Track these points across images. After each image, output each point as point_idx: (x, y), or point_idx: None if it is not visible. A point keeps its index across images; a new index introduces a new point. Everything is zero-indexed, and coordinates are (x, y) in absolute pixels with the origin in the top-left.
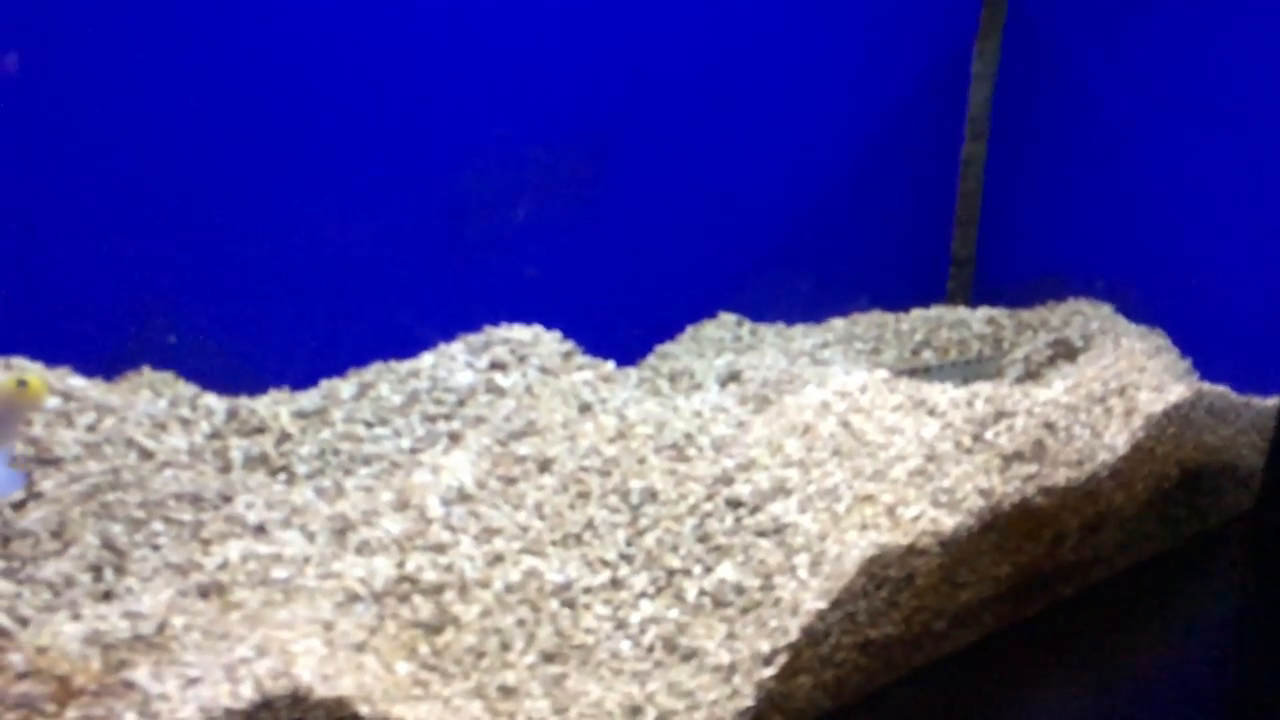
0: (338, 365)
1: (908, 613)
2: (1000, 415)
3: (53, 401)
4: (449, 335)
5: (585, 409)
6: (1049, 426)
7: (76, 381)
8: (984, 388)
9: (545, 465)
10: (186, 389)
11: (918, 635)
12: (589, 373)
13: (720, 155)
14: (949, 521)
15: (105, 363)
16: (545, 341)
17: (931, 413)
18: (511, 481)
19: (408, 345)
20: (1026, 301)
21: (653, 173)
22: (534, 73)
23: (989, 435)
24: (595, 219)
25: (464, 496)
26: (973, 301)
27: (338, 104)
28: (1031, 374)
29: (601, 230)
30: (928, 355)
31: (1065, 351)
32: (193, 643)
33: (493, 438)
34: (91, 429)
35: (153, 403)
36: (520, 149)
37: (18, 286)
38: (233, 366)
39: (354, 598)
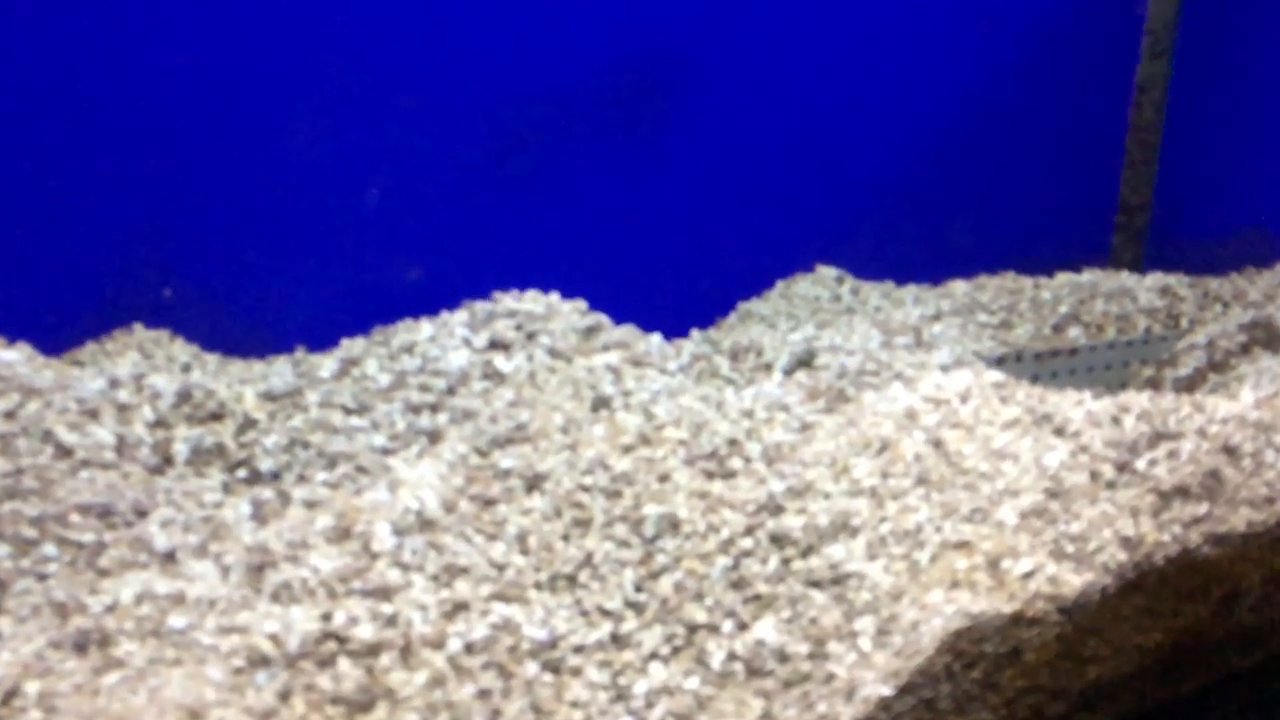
0: (360, 322)
1: (1011, 695)
2: (1159, 437)
3: None
4: (484, 294)
5: (601, 404)
6: (1229, 452)
7: (6, 355)
8: (1137, 400)
9: (534, 482)
10: (183, 350)
11: None
12: (615, 354)
13: (820, 76)
14: (1075, 580)
15: (89, 320)
16: (561, 314)
17: (1060, 432)
18: (489, 503)
19: (438, 301)
20: (1217, 266)
21: (735, 99)
22: None
23: (1141, 464)
24: (664, 155)
25: (425, 523)
26: (1144, 264)
27: (354, 25)
28: (1216, 365)
29: (672, 169)
30: (1075, 334)
31: (1266, 338)
32: None
33: (471, 444)
34: (9, 416)
35: (90, 382)
36: (572, 73)
37: None
38: (239, 323)
39: (259, 661)
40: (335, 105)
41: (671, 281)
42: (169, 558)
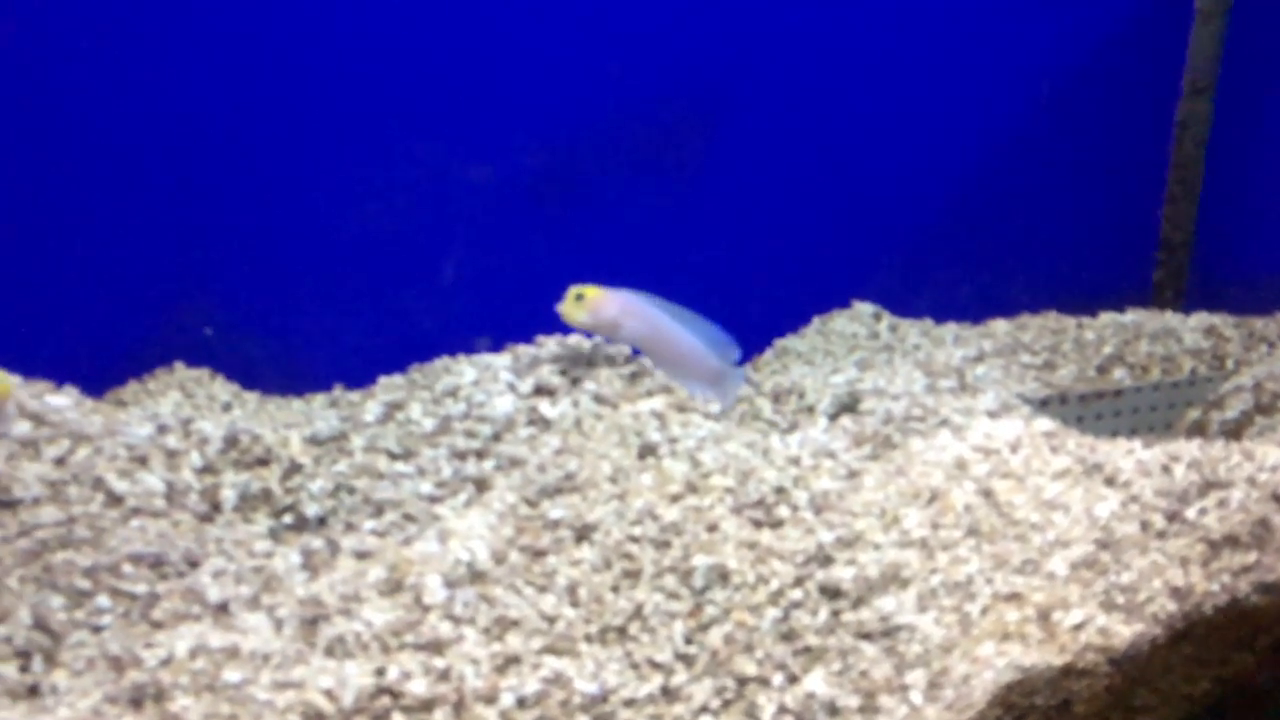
0: (395, 359)
1: None
2: (1209, 486)
3: (23, 427)
4: (520, 332)
5: (647, 452)
6: (1279, 500)
7: (56, 400)
8: (1187, 448)
9: (584, 533)
10: (223, 388)
11: None
12: (659, 400)
13: (859, 112)
14: (1125, 631)
15: (130, 359)
16: (605, 359)
17: (1110, 482)
18: (539, 555)
19: (474, 337)
20: (1258, 304)
21: (773, 134)
22: (624, 16)
23: (1191, 513)
24: (700, 191)
25: (475, 575)
26: (1186, 303)
27: (394, 66)
28: (1263, 407)
29: (708, 206)
30: (1119, 375)
31: None
32: None
33: (520, 493)
34: (60, 463)
35: (139, 428)
36: (609, 110)
37: (26, 276)
38: (277, 361)
39: (314, 717)
40: (373, 146)
41: (708, 318)
42: (222, 609)
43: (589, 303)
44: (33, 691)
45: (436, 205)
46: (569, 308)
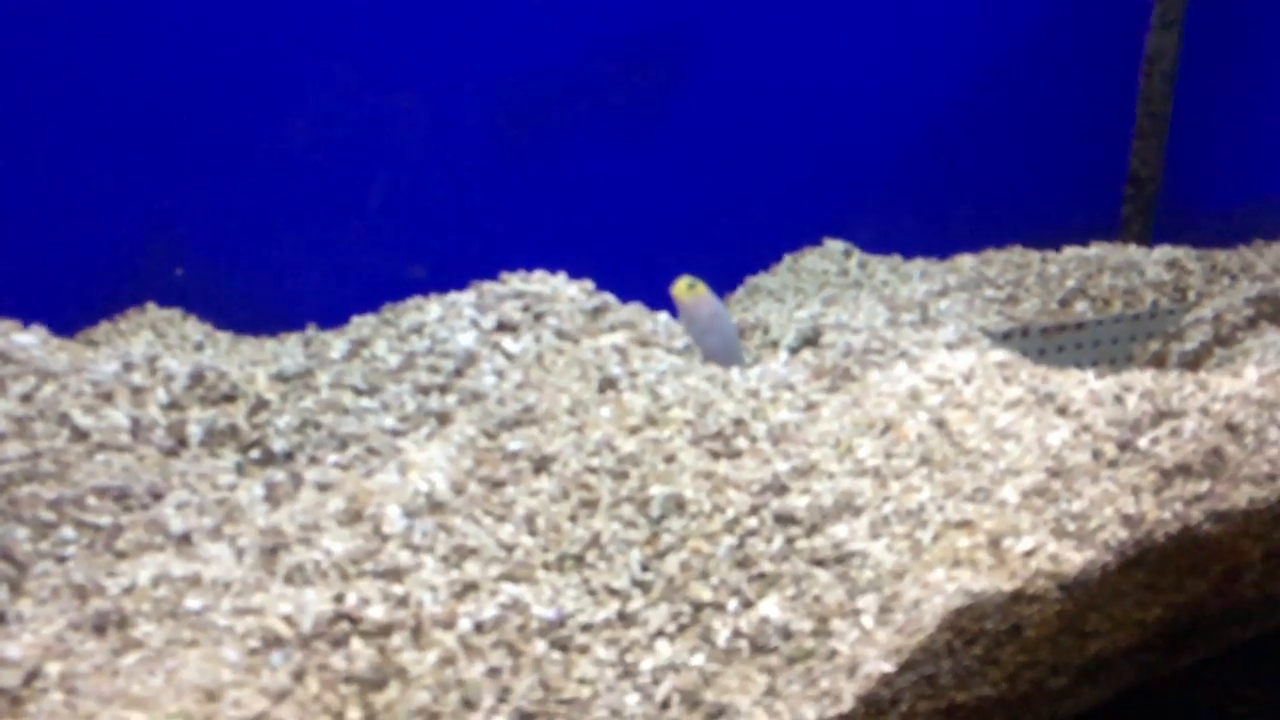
0: (369, 299)
1: (1012, 670)
2: (1161, 416)
3: None
4: (490, 270)
5: (608, 385)
6: (1231, 429)
7: (22, 339)
8: (1140, 378)
9: (542, 464)
10: (195, 328)
11: (1026, 695)
12: (621, 335)
13: (828, 45)
14: (1076, 559)
15: (103, 299)
16: (567, 295)
17: (1062, 411)
18: (497, 485)
19: (448, 279)
20: (1225, 238)
21: (740, 72)
22: None
23: (1143, 443)
24: (670, 131)
25: (434, 505)
26: (1155, 238)
27: (356, 10)
28: (1222, 339)
29: (677, 143)
30: (1081, 309)
31: (1273, 311)
32: (47, 710)
33: (479, 426)
34: (26, 399)
35: (105, 365)
36: (576, 49)
37: None
38: (250, 301)
39: (274, 642)
40: (341, 87)
41: (679, 257)
42: (184, 540)
43: (698, 293)
44: None
45: (406, 146)
46: (682, 286)
